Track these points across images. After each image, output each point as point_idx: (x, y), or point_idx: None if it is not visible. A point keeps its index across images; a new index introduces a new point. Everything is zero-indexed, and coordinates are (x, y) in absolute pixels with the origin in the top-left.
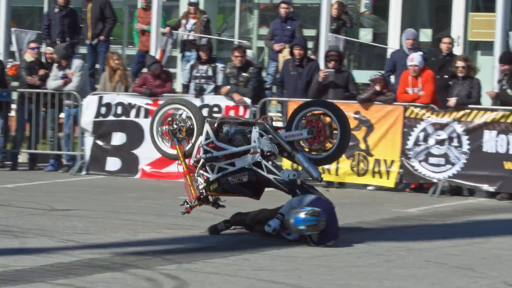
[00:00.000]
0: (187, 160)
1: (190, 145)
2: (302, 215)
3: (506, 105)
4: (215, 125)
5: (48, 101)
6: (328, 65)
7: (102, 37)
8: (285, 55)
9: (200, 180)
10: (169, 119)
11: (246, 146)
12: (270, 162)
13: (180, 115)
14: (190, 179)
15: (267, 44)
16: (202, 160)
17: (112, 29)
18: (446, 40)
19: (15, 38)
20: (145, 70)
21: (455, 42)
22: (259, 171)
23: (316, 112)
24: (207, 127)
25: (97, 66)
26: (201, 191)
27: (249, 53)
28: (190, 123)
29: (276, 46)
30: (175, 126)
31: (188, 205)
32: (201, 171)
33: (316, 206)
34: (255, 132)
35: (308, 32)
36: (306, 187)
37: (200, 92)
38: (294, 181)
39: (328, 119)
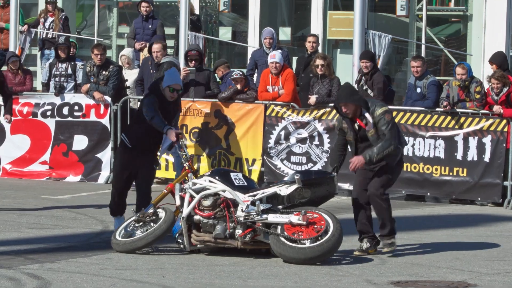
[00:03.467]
0: None
1: None
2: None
3: None
4: None
5: None
6: (189, 65)
7: None
8: (146, 53)
9: None
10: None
11: None
12: None
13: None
14: None
15: (129, 43)
16: None
17: None
18: (310, 39)
19: None
20: (4, 68)
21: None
22: None
23: None
24: None
25: None
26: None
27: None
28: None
29: (137, 45)
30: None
31: None
32: None
33: None
34: None
35: (170, 31)
36: None
37: (60, 91)
38: None
39: None
